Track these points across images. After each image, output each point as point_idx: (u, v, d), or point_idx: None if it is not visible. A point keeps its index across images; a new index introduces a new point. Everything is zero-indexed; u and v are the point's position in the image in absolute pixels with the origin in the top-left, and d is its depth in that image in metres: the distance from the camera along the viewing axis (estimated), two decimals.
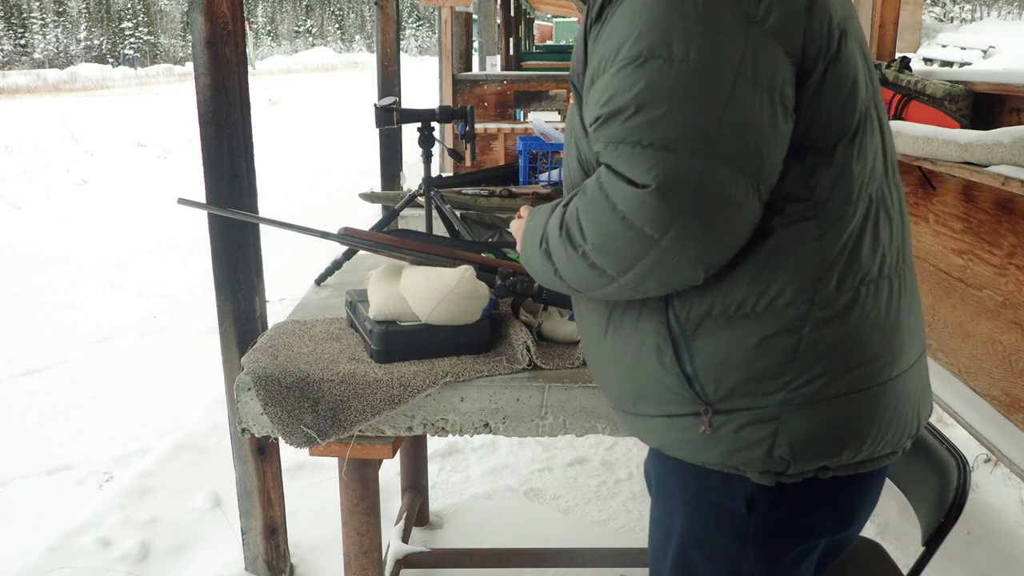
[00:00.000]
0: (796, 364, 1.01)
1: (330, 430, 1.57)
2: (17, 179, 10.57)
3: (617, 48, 0.97)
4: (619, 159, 0.95)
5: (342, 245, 1.88)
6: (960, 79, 2.69)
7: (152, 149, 13.60)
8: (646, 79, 0.93)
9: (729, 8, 0.94)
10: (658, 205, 0.93)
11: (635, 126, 0.94)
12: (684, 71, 0.92)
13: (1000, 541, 2.51)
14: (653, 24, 0.94)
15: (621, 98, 0.95)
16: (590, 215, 0.99)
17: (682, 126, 0.92)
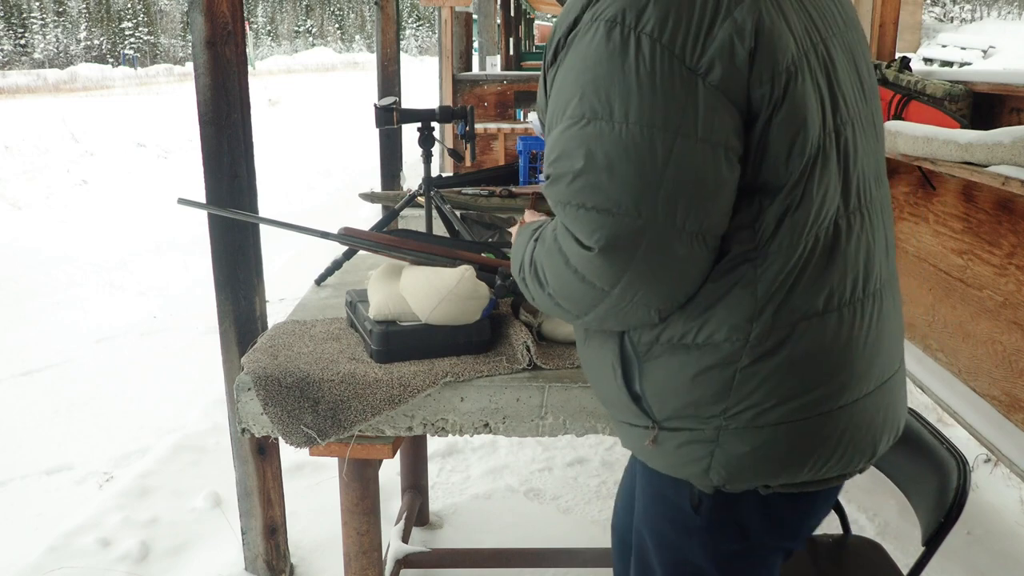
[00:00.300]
0: (732, 394, 1.04)
1: (330, 430, 1.57)
2: (17, 179, 10.57)
3: (564, 106, 1.00)
4: (567, 219, 1.00)
5: (342, 245, 1.88)
6: (960, 79, 2.69)
7: (152, 149, 13.60)
8: (588, 143, 0.96)
9: (673, 64, 0.94)
10: (603, 264, 0.98)
11: (578, 189, 0.97)
12: (624, 134, 0.94)
13: (1000, 541, 2.51)
14: (596, 85, 0.95)
15: (566, 161, 0.98)
16: (549, 264, 1.05)
17: (622, 190, 0.94)
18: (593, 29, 0.97)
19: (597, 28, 0.97)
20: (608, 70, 0.95)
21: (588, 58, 0.97)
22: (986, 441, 2.29)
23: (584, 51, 0.97)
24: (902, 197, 3.09)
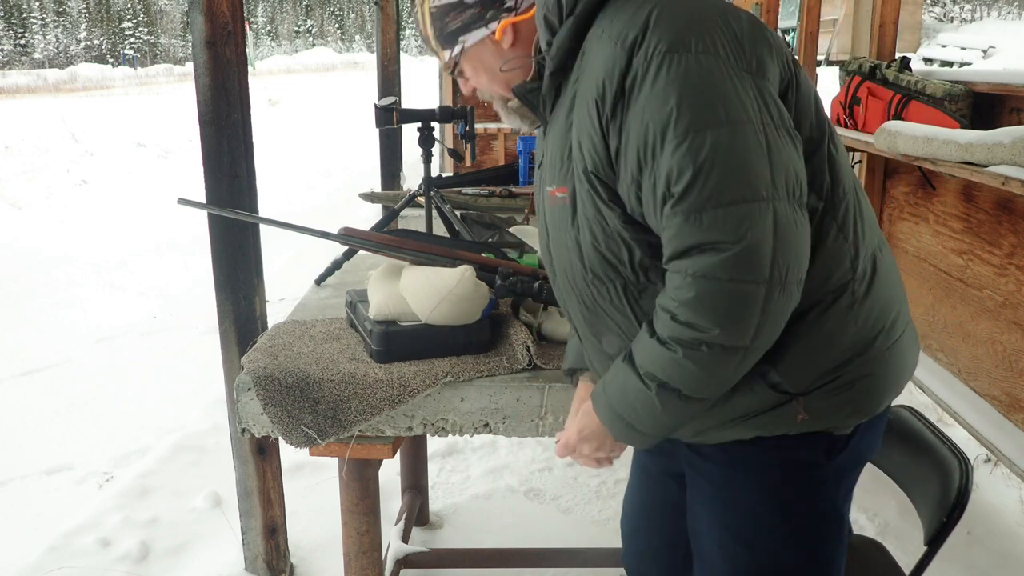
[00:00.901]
0: (858, 334, 1.15)
1: (330, 430, 1.57)
2: (17, 179, 10.57)
3: (661, 134, 1.05)
4: (705, 227, 1.04)
5: (342, 245, 1.88)
6: (960, 79, 2.69)
7: (152, 149, 13.60)
8: (704, 148, 1.03)
9: (734, 69, 1.06)
10: (754, 255, 1.03)
11: (713, 190, 1.03)
12: (729, 133, 1.03)
13: (1000, 541, 2.50)
14: (688, 103, 1.04)
15: (690, 171, 1.03)
16: (701, 306, 1.05)
17: (750, 179, 1.03)
18: (656, 64, 1.05)
19: (661, 61, 1.05)
20: (691, 87, 1.04)
21: (667, 86, 1.04)
22: (986, 441, 2.29)
23: (660, 83, 1.05)
24: (902, 197, 3.09)
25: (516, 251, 1.89)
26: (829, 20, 9.81)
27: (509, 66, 1.24)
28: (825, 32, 11.02)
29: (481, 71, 1.27)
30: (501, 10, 1.22)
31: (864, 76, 2.99)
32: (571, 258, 1.22)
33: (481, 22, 1.23)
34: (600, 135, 1.11)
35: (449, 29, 1.25)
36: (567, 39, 1.16)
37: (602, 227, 1.15)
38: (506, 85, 1.26)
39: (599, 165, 1.12)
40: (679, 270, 1.07)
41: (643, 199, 1.10)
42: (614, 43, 1.09)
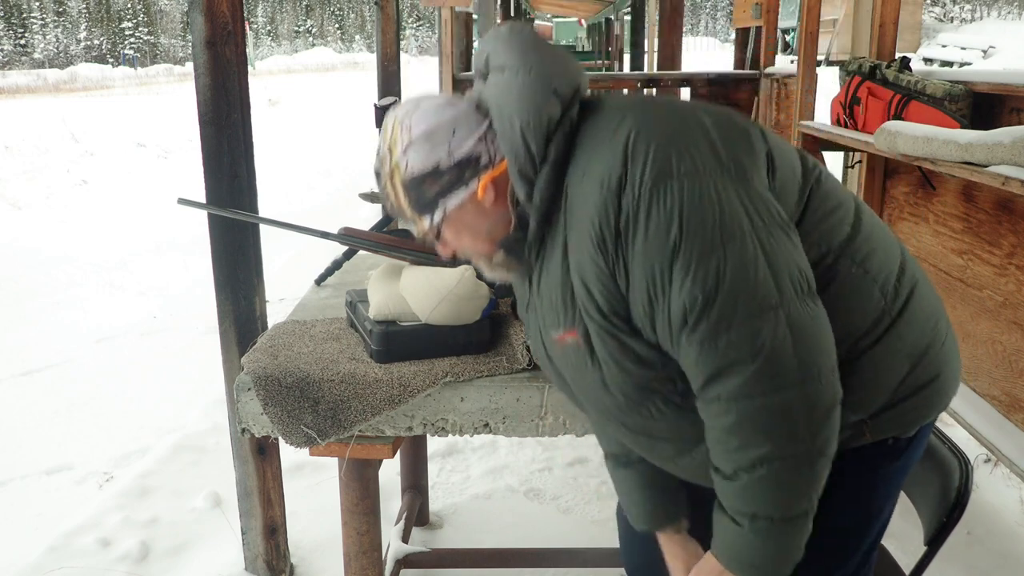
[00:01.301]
0: (906, 352, 1.17)
1: (330, 430, 1.57)
2: (17, 179, 10.57)
3: (668, 267, 1.06)
4: (722, 351, 1.04)
5: (342, 245, 1.88)
6: (960, 79, 2.69)
7: (152, 149, 13.60)
8: (710, 275, 1.04)
9: (718, 180, 1.06)
10: (776, 364, 1.03)
11: (723, 314, 1.04)
12: (728, 253, 1.04)
13: (1000, 541, 2.50)
14: (686, 231, 1.05)
15: (700, 301, 1.04)
16: (745, 429, 1.06)
17: (755, 293, 1.04)
18: (646, 201, 1.06)
19: (650, 198, 1.05)
20: (684, 217, 1.04)
21: (661, 223, 1.05)
22: (986, 441, 2.29)
23: (654, 220, 1.05)
24: (902, 197, 3.09)
25: None
26: (829, 20, 9.80)
27: (493, 222, 1.20)
28: (825, 32, 11.02)
29: (464, 232, 1.22)
30: (479, 168, 1.17)
31: (864, 76, 2.99)
32: (599, 395, 1.21)
33: (460, 183, 1.17)
34: (610, 276, 1.11)
35: (427, 197, 1.18)
36: (548, 187, 1.14)
37: (629, 358, 1.14)
38: (490, 242, 1.22)
39: (616, 305, 1.12)
40: (711, 398, 1.07)
41: (658, 332, 1.10)
42: (599, 187, 1.08)
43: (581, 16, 26.13)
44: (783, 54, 15.48)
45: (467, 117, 1.17)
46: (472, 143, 1.16)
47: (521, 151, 1.13)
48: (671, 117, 1.11)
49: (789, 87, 4.93)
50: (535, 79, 1.13)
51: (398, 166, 1.17)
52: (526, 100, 1.13)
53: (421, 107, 1.18)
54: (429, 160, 1.16)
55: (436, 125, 1.16)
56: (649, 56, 14.13)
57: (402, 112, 1.19)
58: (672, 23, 8.00)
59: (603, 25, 19.21)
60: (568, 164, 1.14)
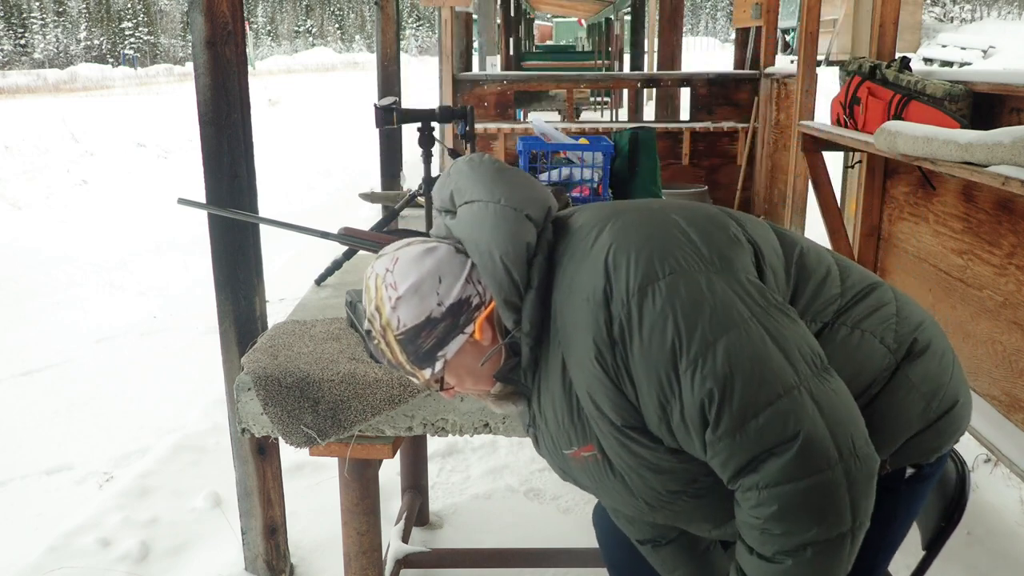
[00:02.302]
0: (920, 392, 1.19)
1: (330, 430, 1.57)
2: (17, 179, 10.57)
3: (672, 368, 1.05)
4: (753, 439, 1.03)
5: (342, 245, 1.88)
6: (960, 79, 2.69)
7: (152, 149, 13.59)
8: (718, 367, 1.03)
9: (704, 276, 1.07)
10: (815, 444, 1.02)
11: (745, 401, 1.02)
12: (730, 342, 1.03)
13: (1000, 541, 2.50)
14: (682, 329, 1.04)
15: (716, 394, 1.03)
16: (789, 514, 1.04)
17: (773, 375, 1.03)
18: (636, 306, 1.06)
19: (639, 302, 1.05)
20: (678, 315, 1.04)
21: (655, 324, 1.05)
22: (986, 441, 2.29)
23: (647, 324, 1.05)
24: (902, 197, 3.09)
25: None
26: (829, 20, 9.80)
27: (488, 359, 1.19)
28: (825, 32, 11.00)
29: (465, 375, 1.21)
30: (471, 310, 1.16)
31: (864, 76, 2.99)
32: (625, 500, 1.23)
33: (456, 329, 1.16)
34: (616, 390, 1.10)
35: (424, 349, 1.16)
36: (536, 311, 1.14)
37: (648, 467, 1.14)
38: (489, 378, 1.21)
39: (628, 416, 1.11)
40: (749, 487, 1.06)
41: (676, 435, 1.09)
42: (586, 302, 1.08)
43: (581, 16, 26.13)
44: (783, 54, 15.49)
45: (449, 262, 1.16)
46: (460, 287, 1.15)
47: (505, 281, 1.13)
48: (646, 223, 1.12)
49: (789, 87, 4.93)
50: (506, 208, 1.14)
51: (389, 324, 1.15)
52: (501, 230, 1.13)
53: (400, 261, 1.16)
54: (421, 313, 1.14)
55: (420, 277, 1.14)
56: (649, 56, 14.14)
57: (381, 269, 1.17)
58: (672, 23, 8.01)
59: (603, 25, 19.22)
60: (551, 285, 1.14)
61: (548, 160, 3.24)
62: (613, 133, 3.36)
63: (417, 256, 1.16)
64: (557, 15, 32.60)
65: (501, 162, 1.24)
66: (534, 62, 16.80)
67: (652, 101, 11.36)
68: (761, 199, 5.62)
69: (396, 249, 1.19)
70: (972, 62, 22.56)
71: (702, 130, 5.68)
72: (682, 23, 8.34)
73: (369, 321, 1.18)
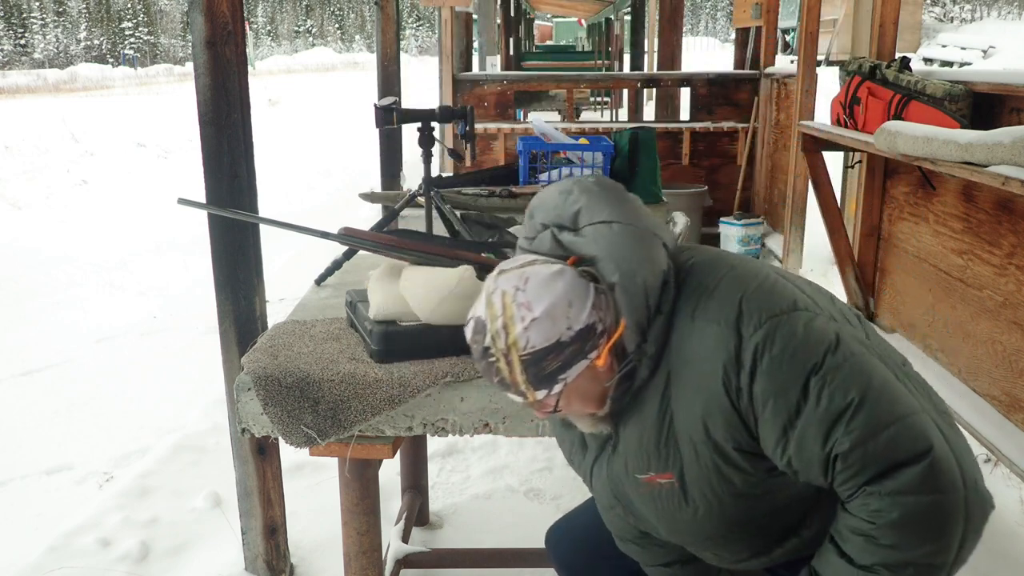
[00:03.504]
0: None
1: (330, 430, 1.57)
2: (17, 179, 10.57)
3: (804, 378, 1.10)
4: (884, 448, 1.07)
5: (342, 245, 1.88)
6: (960, 79, 2.69)
7: (152, 149, 13.59)
8: (850, 386, 1.08)
9: (824, 319, 1.16)
10: (945, 463, 1.06)
11: (877, 414, 1.07)
12: (856, 366, 1.10)
13: (1000, 541, 2.50)
14: (809, 355, 1.10)
15: (850, 408, 1.08)
16: (908, 525, 1.06)
17: (899, 396, 1.09)
18: (766, 331, 1.11)
19: (772, 328, 1.11)
20: (814, 334, 1.11)
21: (784, 349, 1.10)
22: (986, 441, 2.29)
23: (777, 348, 1.11)
24: (902, 197, 3.09)
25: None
26: (829, 20, 9.80)
27: (603, 384, 1.21)
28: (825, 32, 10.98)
29: (575, 398, 1.21)
30: (597, 337, 1.17)
31: (864, 76, 2.99)
32: (690, 530, 1.26)
33: (581, 355, 1.16)
34: (734, 413, 1.13)
35: (547, 372, 1.16)
36: (662, 336, 1.18)
37: (734, 493, 1.18)
38: (598, 401, 1.22)
39: (740, 439, 1.15)
40: (873, 492, 1.08)
41: (794, 452, 1.12)
42: (717, 325, 1.13)
43: (581, 16, 26.13)
44: (783, 54, 15.48)
45: (575, 287, 1.16)
46: (587, 314, 1.16)
47: (641, 304, 1.16)
48: (767, 280, 1.18)
49: (789, 87, 4.93)
50: (646, 232, 1.19)
51: (516, 343, 1.14)
52: (643, 254, 1.17)
53: (531, 282, 1.16)
54: (551, 336, 1.14)
55: (554, 301, 1.14)
56: (649, 56, 14.14)
57: (509, 287, 1.16)
58: (672, 23, 8.01)
59: (603, 25, 19.22)
60: (675, 311, 1.18)
61: (548, 160, 3.24)
62: (613, 133, 3.36)
63: (549, 278, 1.16)
64: (557, 15, 32.59)
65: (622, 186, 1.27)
66: (534, 62, 16.80)
67: (652, 101, 11.35)
68: (761, 199, 5.62)
69: (519, 267, 1.18)
70: (972, 62, 22.54)
71: (702, 130, 5.68)
72: (682, 23, 8.34)
73: (492, 338, 1.16)
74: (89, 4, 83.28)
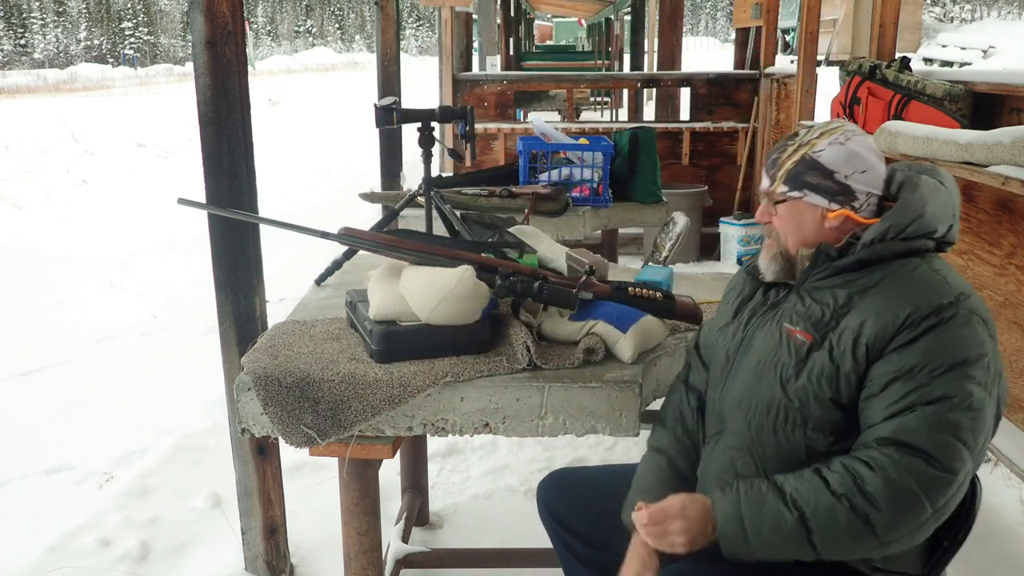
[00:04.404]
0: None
1: (330, 430, 1.57)
2: (17, 179, 10.57)
3: (942, 367, 1.24)
4: (936, 443, 1.21)
5: (342, 245, 1.88)
6: (960, 79, 2.69)
7: (152, 149, 13.59)
8: (971, 390, 1.23)
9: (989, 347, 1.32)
10: (948, 489, 1.21)
11: (963, 425, 1.22)
12: (982, 394, 1.24)
13: (1000, 541, 2.50)
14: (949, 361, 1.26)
15: (948, 399, 1.22)
16: (890, 490, 1.21)
17: (978, 436, 1.23)
18: (945, 326, 1.27)
19: (947, 322, 1.27)
20: (966, 347, 1.26)
21: (946, 341, 1.26)
22: None
23: (942, 340, 1.26)
24: None
25: (516, 251, 1.88)
26: (829, 20, 9.80)
27: (814, 237, 1.40)
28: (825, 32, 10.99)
29: (791, 221, 1.41)
30: (847, 202, 1.37)
31: (864, 76, 2.99)
32: (766, 396, 1.38)
33: (829, 196, 1.37)
34: (882, 348, 1.28)
35: (803, 178, 1.37)
36: (888, 256, 1.34)
37: (830, 393, 1.31)
38: (804, 242, 1.40)
39: (862, 369, 1.31)
40: (890, 455, 1.22)
41: (884, 369, 1.27)
42: (928, 288, 1.30)
43: (581, 16, 26.13)
44: (783, 54, 15.47)
45: (880, 175, 1.39)
46: (863, 186, 1.37)
47: (901, 225, 1.33)
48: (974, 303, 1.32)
49: (789, 87, 4.92)
50: (947, 206, 1.38)
51: (814, 145, 1.37)
52: (941, 214, 1.36)
53: (867, 139, 1.39)
54: (834, 164, 1.36)
55: (864, 156, 1.36)
56: (649, 56, 14.13)
57: (851, 126, 1.39)
58: (672, 23, 8.01)
59: (603, 25, 19.22)
60: (911, 256, 1.36)
61: (548, 160, 3.24)
62: (613, 133, 3.36)
63: (874, 148, 1.38)
64: (557, 15, 32.58)
65: None
66: (534, 62, 16.80)
67: (652, 101, 11.35)
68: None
69: (863, 135, 1.41)
70: (972, 62, 22.53)
71: (702, 130, 5.68)
72: (682, 23, 8.34)
73: (808, 131, 1.40)
74: (89, 4, 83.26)
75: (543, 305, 1.76)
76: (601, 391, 1.57)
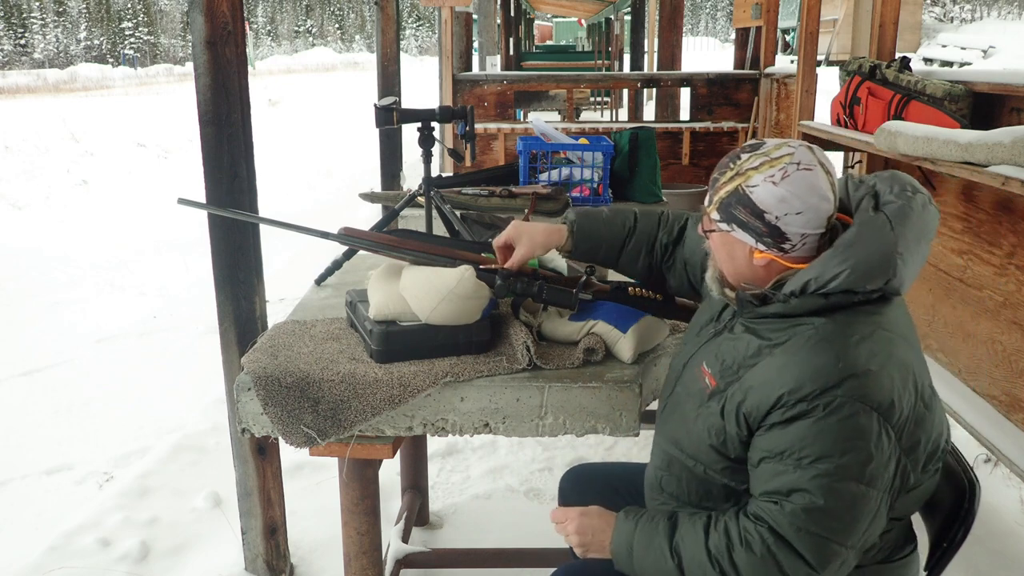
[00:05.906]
0: None
1: (330, 430, 1.57)
2: (17, 179, 10.57)
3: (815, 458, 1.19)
4: (803, 541, 1.18)
5: (342, 245, 1.88)
6: (960, 79, 2.69)
7: (152, 149, 13.59)
8: (839, 495, 1.18)
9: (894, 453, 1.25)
10: (822, 574, 1.19)
11: (830, 525, 1.18)
12: (862, 489, 1.19)
13: (1000, 541, 2.50)
14: (840, 445, 1.19)
15: (827, 498, 1.18)
16: (754, 570, 1.21)
17: (852, 533, 1.19)
18: (828, 400, 1.18)
19: (837, 408, 1.18)
20: (845, 433, 1.18)
21: (829, 430, 1.19)
22: (986, 441, 2.29)
23: (824, 429, 1.19)
24: None
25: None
26: (829, 20, 9.81)
27: (744, 274, 1.33)
28: (825, 32, 10.97)
29: (723, 250, 1.34)
30: (776, 244, 1.27)
31: (864, 76, 2.99)
32: (677, 430, 1.40)
33: (756, 236, 1.27)
34: (766, 416, 1.24)
35: (732, 211, 1.29)
36: (807, 312, 1.25)
37: (719, 442, 1.31)
38: (733, 276, 1.35)
39: (750, 431, 1.28)
40: (762, 532, 1.22)
41: (762, 447, 1.24)
42: (833, 360, 1.19)
43: (581, 16, 26.12)
44: (783, 54, 15.48)
45: (821, 216, 1.25)
46: (797, 228, 1.25)
47: (826, 278, 1.22)
48: (901, 361, 1.23)
49: (789, 87, 4.92)
50: (890, 259, 1.22)
51: (749, 177, 1.27)
52: (880, 268, 1.22)
53: (810, 175, 1.25)
54: (765, 204, 1.25)
55: (801, 197, 1.24)
56: (649, 56, 14.14)
57: (798, 157, 1.25)
58: (672, 23, 8.01)
59: (603, 25, 19.22)
60: (828, 313, 1.24)
61: (548, 160, 3.23)
62: (613, 133, 3.36)
63: (819, 186, 1.24)
64: (557, 15, 32.59)
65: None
66: (534, 62, 16.80)
67: (652, 101, 11.36)
68: None
69: (817, 156, 1.27)
70: (972, 62, 22.54)
71: (702, 130, 5.68)
72: (682, 23, 8.34)
73: (749, 160, 1.27)
74: (89, 4, 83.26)
75: (543, 305, 1.76)
76: (601, 391, 1.57)
